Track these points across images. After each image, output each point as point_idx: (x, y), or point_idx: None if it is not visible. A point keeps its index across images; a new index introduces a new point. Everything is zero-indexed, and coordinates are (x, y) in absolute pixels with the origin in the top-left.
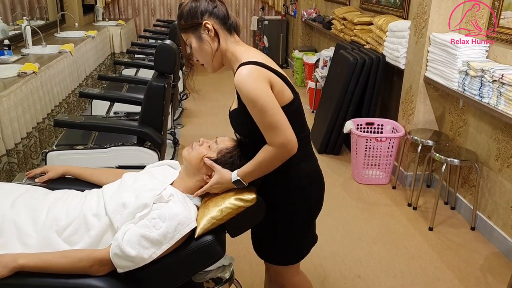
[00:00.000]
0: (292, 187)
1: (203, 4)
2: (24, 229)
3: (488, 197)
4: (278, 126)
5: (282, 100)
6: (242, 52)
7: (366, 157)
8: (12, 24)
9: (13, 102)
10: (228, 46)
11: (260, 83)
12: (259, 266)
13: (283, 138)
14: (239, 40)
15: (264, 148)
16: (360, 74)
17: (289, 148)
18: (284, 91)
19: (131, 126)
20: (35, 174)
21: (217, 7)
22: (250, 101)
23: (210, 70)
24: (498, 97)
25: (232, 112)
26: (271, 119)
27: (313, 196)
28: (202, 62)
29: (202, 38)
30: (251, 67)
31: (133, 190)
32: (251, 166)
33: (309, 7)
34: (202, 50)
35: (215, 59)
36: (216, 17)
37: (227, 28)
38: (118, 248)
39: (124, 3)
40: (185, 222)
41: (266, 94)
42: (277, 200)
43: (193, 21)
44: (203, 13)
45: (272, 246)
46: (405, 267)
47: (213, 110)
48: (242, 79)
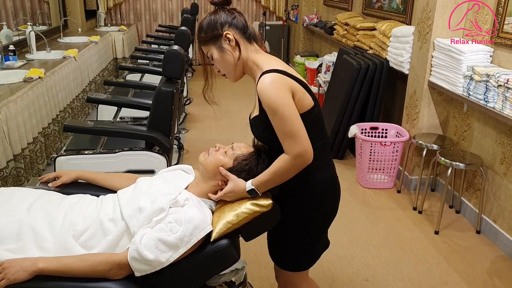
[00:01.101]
0: (309, 194)
1: (222, 16)
2: (41, 233)
3: (494, 200)
4: (296, 136)
5: (303, 107)
6: (263, 60)
7: (371, 162)
8: (15, 29)
9: (19, 107)
10: (249, 54)
11: (282, 91)
12: (267, 270)
13: (300, 147)
14: (258, 48)
15: (281, 157)
16: (364, 79)
17: (305, 158)
18: (305, 98)
19: (140, 131)
20: (48, 179)
21: (236, 18)
22: (271, 108)
23: (232, 80)
24: (503, 102)
25: (253, 119)
26: (290, 128)
27: (329, 204)
28: (224, 72)
29: (224, 48)
30: (273, 75)
31: (149, 195)
32: (266, 175)
33: (310, 12)
34: (224, 60)
35: (237, 68)
36: (236, 27)
37: (247, 38)
38: (136, 251)
39: (126, 8)
40: (201, 226)
41: (287, 103)
42: (293, 207)
43: (213, 33)
44: (223, 24)
45: (286, 251)
46: (413, 271)
47: (216, 115)
48: (264, 86)
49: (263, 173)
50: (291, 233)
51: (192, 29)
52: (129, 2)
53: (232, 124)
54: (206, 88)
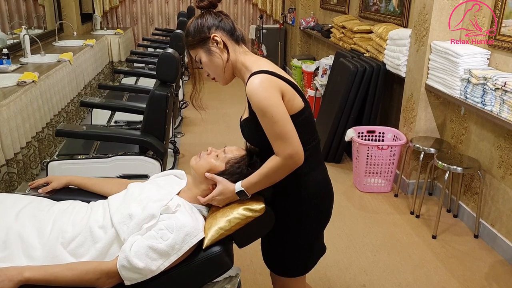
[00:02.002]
0: (301, 196)
1: (209, 19)
2: (30, 241)
3: (491, 204)
4: (287, 137)
5: (293, 108)
6: (252, 62)
7: (368, 165)
8: (10, 33)
9: (12, 111)
10: (237, 56)
11: (271, 93)
12: (263, 276)
13: (291, 149)
14: (247, 50)
15: (271, 159)
16: (361, 82)
17: (296, 159)
18: (295, 99)
19: (134, 136)
20: (38, 184)
21: (222, 20)
22: (261, 110)
23: (222, 83)
24: (501, 105)
25: (244, 121)
26: (280, 129)
27: (322, 206)
28: (213, 76)
29: (212, 51)
30: (262, 76)
31: (139, 201)
32: (256, 177)
33: (307, 15)
34: (213, 63)
35: (226, 70)
36: (223, 29)
37: (235, 39)
38: (125, 260)
39: (122, 12)
40: (193, 233)
41: (277, 104)
42: (286, 209)
43: (201, 36)
44: (210, 27)
45: (281, 256)
46: (410, 276)
47: (212, 119)
48: (253, 88)
49: (253, 175)
50: (285, 237)
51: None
52: (125, 5)
53: (228, 127)
54: (193, 93)
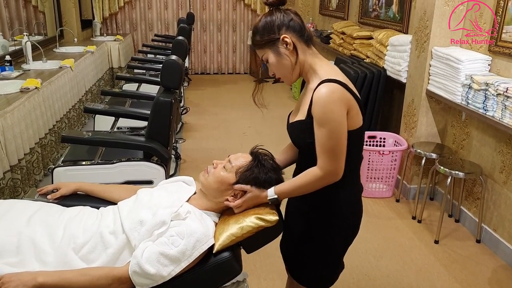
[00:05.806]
0: (335, 211)
1: (278, 18)
2: (42, 246)
3: (494, 209)
4: (336, 154)
5: (353, 125)
6: (320, 66)
7: (369, 171)
8: (11, 39)
9: (16, 118)
10: (306, 58)
11: (338, 106)
12: (267, 281)
13: (336, 166)
14: (316, 51)
15: (310, 171)
16: (362, 88)
17: (335, 177)
18: (358, 116)
19: (139, 142)
20: (47, 190)
21: (293, 20)
22: (322, 120)
23: (288, 83)
24: (503, 110)
25: (296, 122)
26: (333, 145)
27: (354, 222)
28: (279, 76)
29: (281, 52)
30: (334, 87)
31: (150, 208)
32: (292, 187)
33: (306, 21)
34: (281, 64)
35: (294, 72)
36: (293, 30)
37: (304, 40)
38: (137, 265)
39: (121, 18)
40: (203, 240)
41: (339, 120)
42: (317, 219)
43: (270, 36)
44: (280, 27)
45: (310, 265)
46: (413, 281)
47: (212, 124)
48: (322, 96)
49: (288, 183)
50: (315, 249)
51: (189, 38)
52: (124, 11)
53: (228, 133)
54: (256, 91)
